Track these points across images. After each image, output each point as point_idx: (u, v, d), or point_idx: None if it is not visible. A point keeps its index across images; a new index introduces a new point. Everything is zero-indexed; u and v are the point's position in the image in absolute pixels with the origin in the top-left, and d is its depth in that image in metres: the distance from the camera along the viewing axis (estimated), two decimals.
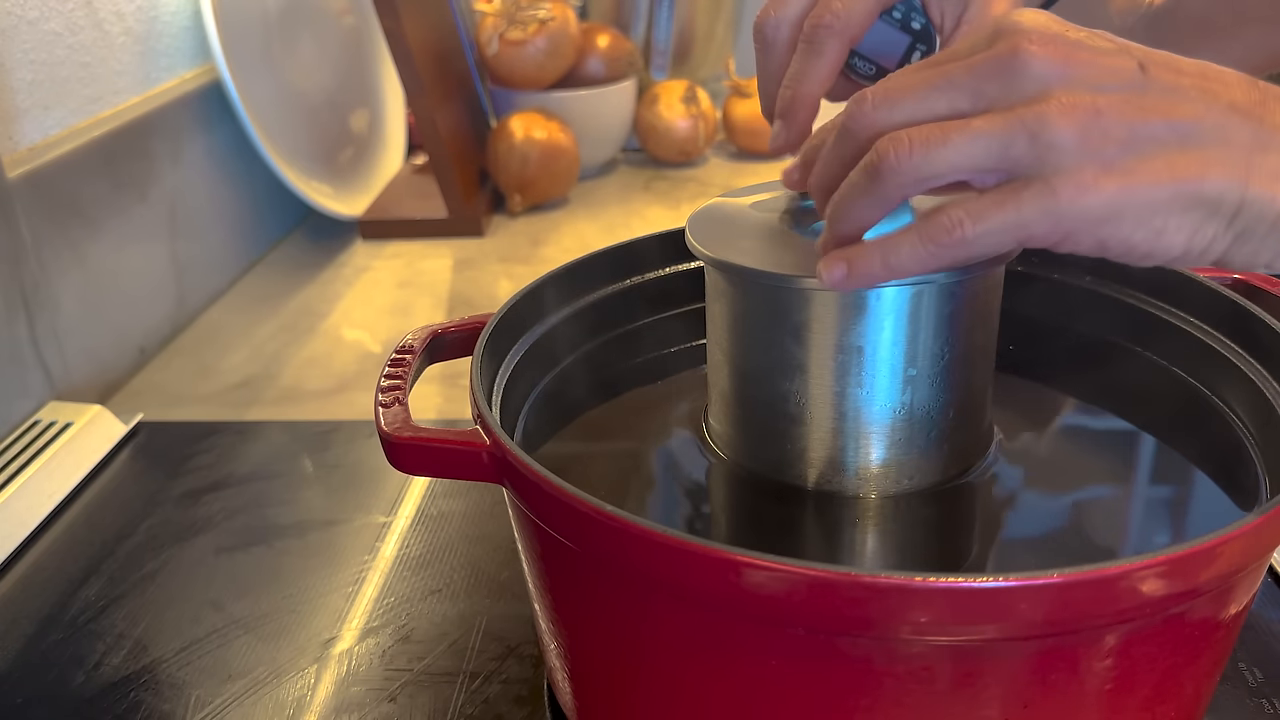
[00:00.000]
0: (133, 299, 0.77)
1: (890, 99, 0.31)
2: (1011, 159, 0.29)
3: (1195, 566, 0.28)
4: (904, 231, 0.31)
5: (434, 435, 0.36)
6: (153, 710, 0.44)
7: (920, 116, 0.31)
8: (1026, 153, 0.29)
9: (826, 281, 0.32)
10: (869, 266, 0.31)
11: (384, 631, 0.48)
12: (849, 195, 0.32)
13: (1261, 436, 0.39)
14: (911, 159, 0.30)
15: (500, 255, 0.94)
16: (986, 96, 0.30)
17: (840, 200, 0.32)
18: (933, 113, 0.31)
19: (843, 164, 0.32)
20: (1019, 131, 0.29)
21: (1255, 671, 0.43)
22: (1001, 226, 0.29)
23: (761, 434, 0.40)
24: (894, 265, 0.31)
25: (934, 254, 0.30)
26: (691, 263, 0.49)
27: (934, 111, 0.31)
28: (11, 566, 0.54)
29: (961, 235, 0.30)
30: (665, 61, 1.19)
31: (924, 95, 0.31)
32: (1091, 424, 0.45)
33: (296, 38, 0.98)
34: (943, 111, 0.31)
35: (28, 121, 0.68)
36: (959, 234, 0.30)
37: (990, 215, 0.29)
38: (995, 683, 0.29)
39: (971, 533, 0.39)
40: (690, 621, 0.31)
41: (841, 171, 0.32)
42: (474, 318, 0.43)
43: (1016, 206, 0.29)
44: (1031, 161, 0.29)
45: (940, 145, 0.30)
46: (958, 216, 0.30)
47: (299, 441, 0.65)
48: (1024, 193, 0.29)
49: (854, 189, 0.32)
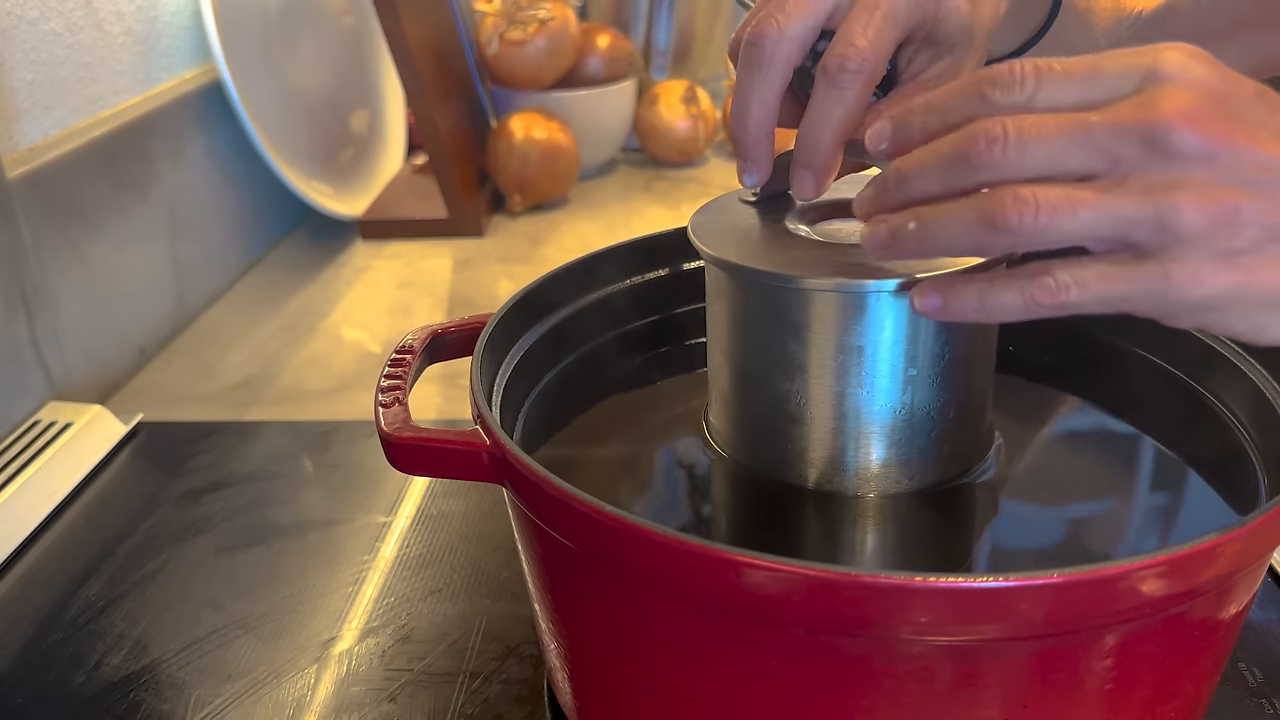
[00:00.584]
0: (133, 299, 0.77)
1: (1024, 145, 0.29)
2: (1132, 239, 0.29)
3: (1195, 567, 0.28)
4: (1007, 280, 0.30)
5: (434, 435, 0.36)
6: (153, 710, 0.44)
7: (1050, 171, 0.29)
8: (1150, 236, 0.28)
9: (919, 307, 0.32)
10: (964, 304, 0.31)
11: (384, 631, 0.48)
12: (947, 226, 0.30)
13: (1261, 437, 0.39)
14: (1036, 224, 0.28)
15: (500, 255, 0.94)
16: (1125, 164, 0.28)
17: (933, 226, 0.31)
18: (1064, 170, 0.29)
19: (946, 190, 0.31)
20: (1150, 217, 0.28)
21: (1255, 671, 0.43)
22: (1106, 299, 0.29)
23: (762, 434, 0.40)
24: (989, 309, 0.31)
25: (1032, 310, 0.30)
26: (691, 263, 0.49)
27: (1065, 168, 0.29)
28: (11, 566, 0.54)
29: (1065, 300, 0.29)
30: (665, 61, 1.19)
31: (1059, 148, 0.29)
32: (1091, 425, 0.45)
33: (296, 38, 0.98)
34: (1074, 170, 0.29)
35: (28, 121, 0.68)
36: (1062, 298, 0.29)
37: (1097, 287, 0.29)
38: (995, 683, 0.29)
39: (971, 533, 0.39)
40: (690, 621, 0.31)
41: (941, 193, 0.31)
42: (474, 318, 0.43)
43: (1127, 284, 0.29)
44: (1153, 245, 0.28)
45: (1067, 217, 0.28)
46: (1065, 281, 0.29)
47: (299, 441, 0.65)
48: (1136, 273, 0.28)
49: (955, 223, 0.30)
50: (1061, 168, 0.29)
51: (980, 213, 0.29)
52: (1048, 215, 0.28)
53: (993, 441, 0.41)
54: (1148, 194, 0.28)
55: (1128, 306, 0.29)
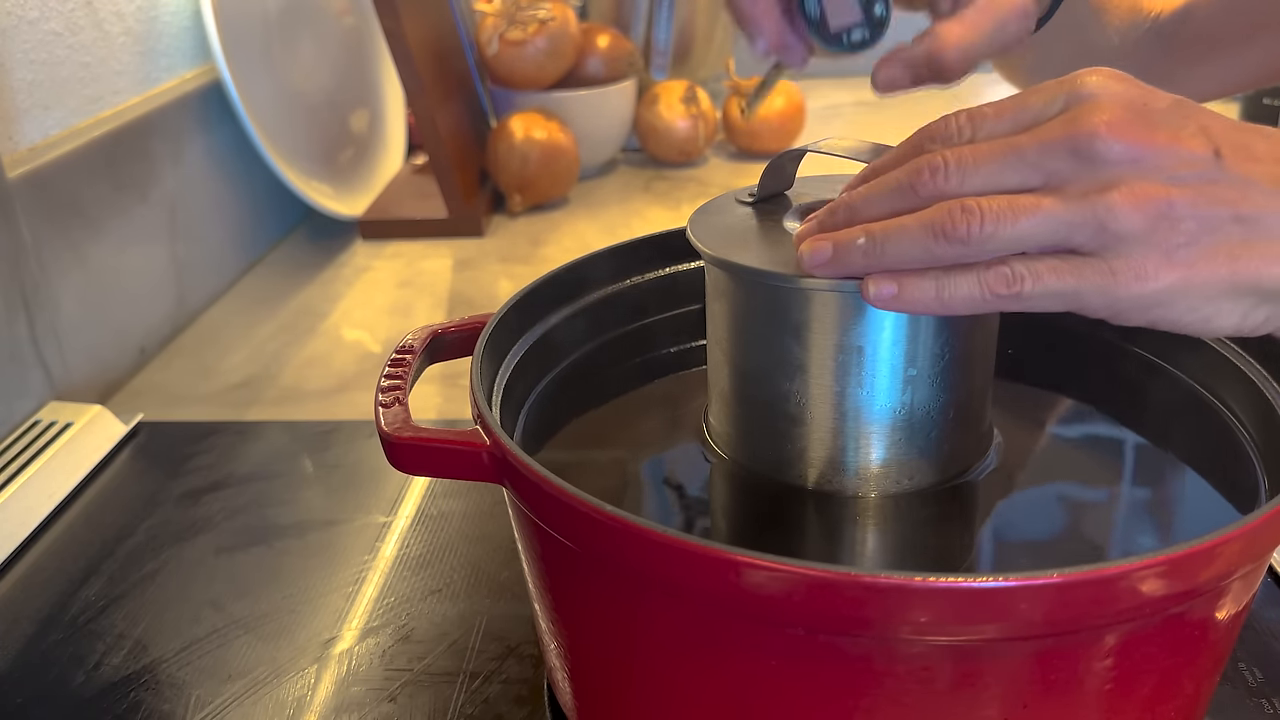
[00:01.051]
0: (133, 299, 0.77)
1: (963, 169, 0.31)
2: (1075, 242, 0.30)
3: (1195, 567, 0.28)
4: (963, 272, 0.31)
5: (434, 435, 0.36)
6: (153, 710, 0.44)
7: (990, 190, 0.31)
8: (1092, 238, 0.30)
9: (872, 296, 0.32)
10: (921, 294, 0.32)
11: (384, 631, 0.48)
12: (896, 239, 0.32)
13: (1261, 437, 0.39)
14: (982, 231, 0.30)
15: (500, 255, 0.94)
16: (1058, 176, 0.30)
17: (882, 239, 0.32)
18: (1002, 187, 0.31)
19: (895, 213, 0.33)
20: (1088, 219, 0.29)
21: (1255, 671, 0.43)
22: (1057, 293, 0.30)
23: (762, 434, 0.40)
24: (946, 300, 0.31)
25: (988, 300, 0.31)
26: (692, 263, 0.49)
27: (1004, 186, 0.31)
28: (11, 566, 0.54)
29: (1019, 290, 0.30)
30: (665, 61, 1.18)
31: (995, 170, 0.31)
32: (1091, 425, 0.45)
33: (296, 38, 0.98)
34: (1013, 186, 0.31)
35: (28, 121, 0.68)
36: (1017, 289, 0.30)
37: (1049, 281, 0.30)
38: (995, 683, 0.29)
39: (971, 533, 0.39)
40: (690, 621, 0.31)
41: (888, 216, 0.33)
42: (474, 318, 0.43)
43: (1076, 280, 0.30)
44: (1095, 246, 0.30)
45: (1010, 224, 0.30)
46: (1020, 272, 0.30)
47: (299, 441, 0.65)
48: (1084, 269, 0.30)
49: (904, 235, 0.32)
50: (1000, 187, 0.31)
51: (928, 224, 0.31)
52: (992, 223, 0.30)
53: (992, 441, 0.41)
54: (1083, 198, 0.30)
55: (1078, 303, 0.30)
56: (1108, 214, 0.29)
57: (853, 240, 0.33)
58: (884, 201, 0.33)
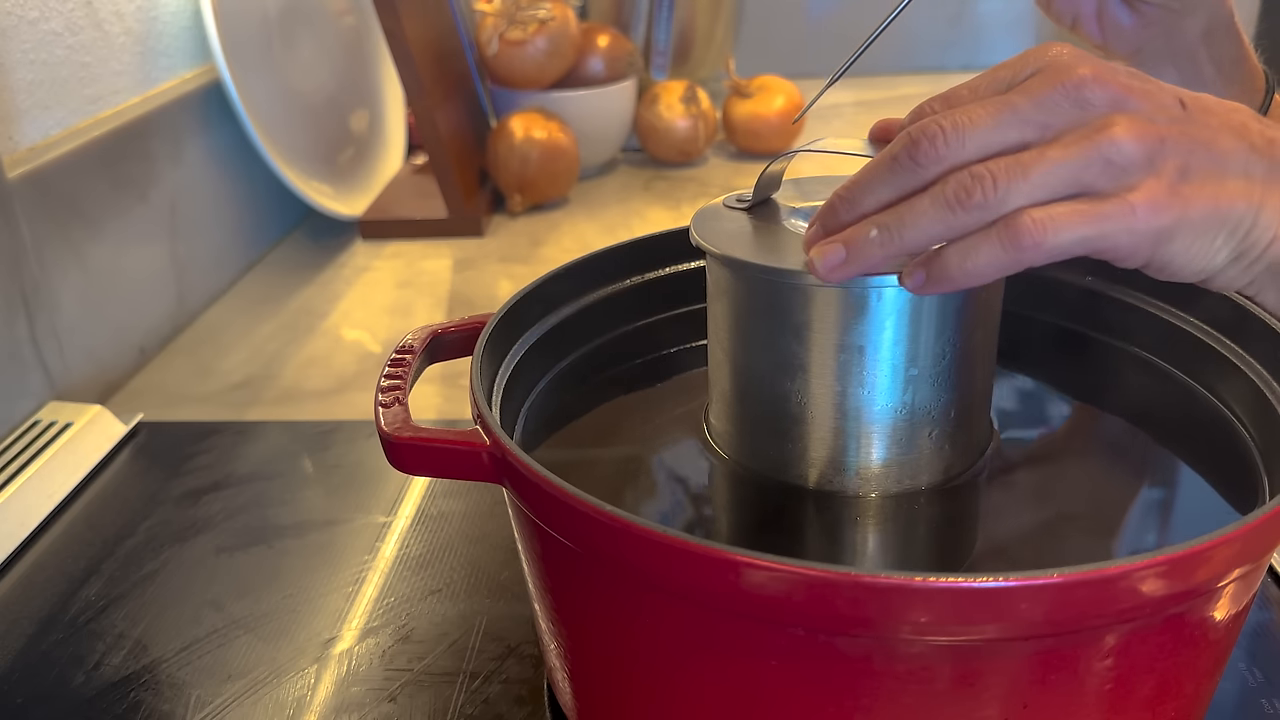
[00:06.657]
0: (133, 299, 0.77)
1: (960, 132, 0.31)
2: (1085, 182, 0.30)
3: (1195, 566, 0.28)
4: (981, 234, 0.31)
5: (434, 435, 0.36)
6: (153, 710, 0.44)
7: (990, 151, 0.31)
8: (1101, 175, 0.30)
9: (909, 287, 0.32)
10: (947, 270, 0.31)
11: (384, 631, 0.48)
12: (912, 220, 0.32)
13: (1261, 436, 0.39)
14: (996, 192, 0.30)
15: (500, 255, 0.94)
16: (1053, 127, 0.31)
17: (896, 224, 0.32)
18: (1003, 146, 0.31)
19: (899, 195, 0.32)
20: (1094, 156, 0.30)
21: (1255, 671, 0.43)
22: (1081, 238, 0.30)
23: (762, 433, 0.40)
24: (971, 269, 0.31)
25: (1014, 257, 0.30)
26: (692, 262, 0.49)
27: (1004, 145, 0.31)
28: (11, 566, 0.54)
29: (1041, 240, 0.30)
30: (665, 61, 1.19)
31: (992, 130, 0.31)
32: (1091, 424, 0.45)
33: (296, 38, 0.98)
34: (1013, 143, 0.31)
35: (28, 121, 0.68)
36: (1039, 238, 0.30)
37: (1073, 226, 0.30)
38: (995, 683, 0.29)
39: (972, 532, 0.39)
40: (690, 621, 0.31)
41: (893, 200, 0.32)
42: (474, 318, 0.43)
43: (1100, 221, 0.30)
44: (1106, 183, 0.30)
45: (1022, 179, 0.30)
46: (1039, 218, 0.30)
47: (299, 441, 0.65)
48: (1104, 208, 0.30)
49: (919, 215, 0.31)
50: (1000, 146, 0.31)
51: (941, 198, 0.31)
52: (1005, 181, 0.30)
53: (992, 441, 0.41)
54: (1085, 139, 0.30)
55: (1102, 245, 0.30)
56: (1111, 147, 0.30)
57: (865, 235, 0.32)
58: (884, 186, 0.33)
